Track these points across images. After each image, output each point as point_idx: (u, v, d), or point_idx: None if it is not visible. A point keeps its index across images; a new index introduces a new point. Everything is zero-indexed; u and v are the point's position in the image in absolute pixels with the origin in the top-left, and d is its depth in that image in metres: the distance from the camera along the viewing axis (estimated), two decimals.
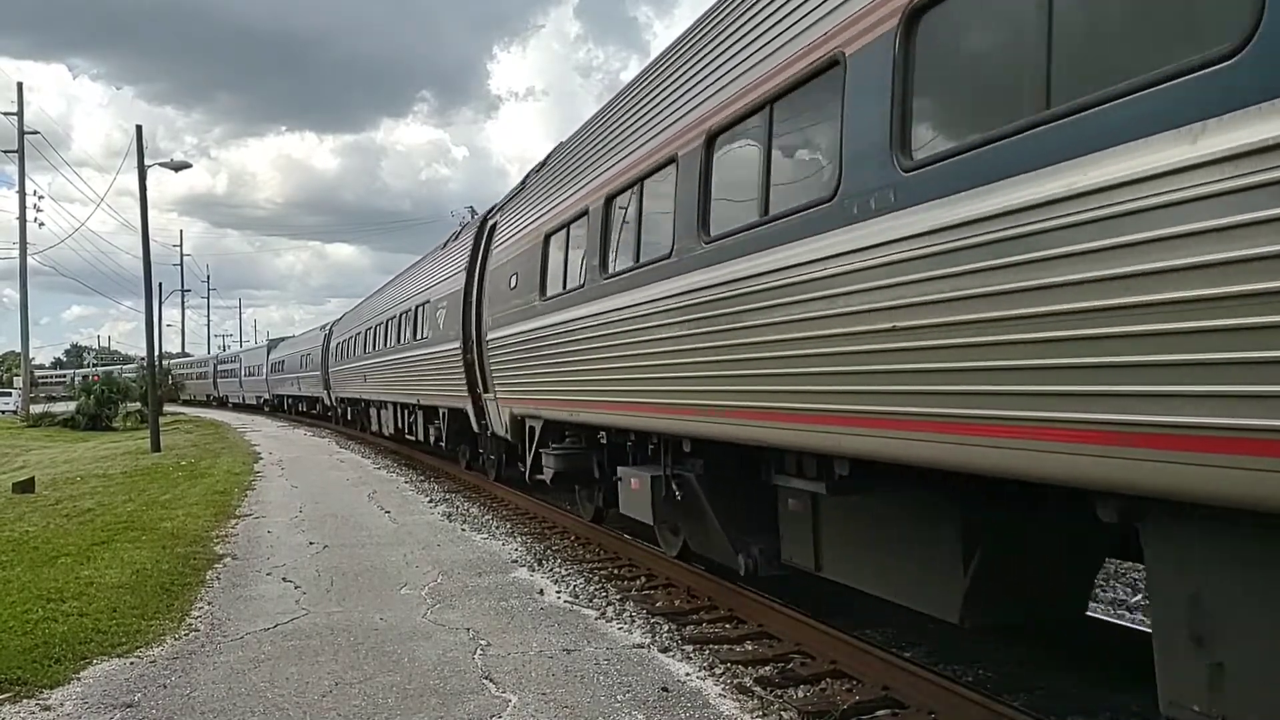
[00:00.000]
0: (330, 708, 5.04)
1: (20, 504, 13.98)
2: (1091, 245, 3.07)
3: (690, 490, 6.99)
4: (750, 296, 5.28)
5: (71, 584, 7.87)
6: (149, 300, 26.81)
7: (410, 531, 10.83)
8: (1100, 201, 3.03)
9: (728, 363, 5.61)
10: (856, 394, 4.36)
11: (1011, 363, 3.46)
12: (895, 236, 4.03)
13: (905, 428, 4.05)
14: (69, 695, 5.32)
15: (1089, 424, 3.13)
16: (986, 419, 3.58)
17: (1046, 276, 3.26)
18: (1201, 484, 2.81)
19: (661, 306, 6.50)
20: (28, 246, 47.19)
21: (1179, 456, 2.85)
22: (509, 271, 11.11)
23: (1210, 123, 2.71)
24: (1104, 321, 3.05)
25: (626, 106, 7.80)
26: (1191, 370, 2.79)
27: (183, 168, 26.93)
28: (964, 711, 4.70)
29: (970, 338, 3.64)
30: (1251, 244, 2.59)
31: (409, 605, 7.27)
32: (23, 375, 52.77)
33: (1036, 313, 3.31)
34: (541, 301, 9.59)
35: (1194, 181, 2.74)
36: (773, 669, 5.79)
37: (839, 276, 4.43)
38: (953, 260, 3.68)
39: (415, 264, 20.97)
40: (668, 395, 6.50)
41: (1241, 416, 2.66)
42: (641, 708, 5.02)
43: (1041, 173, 3.28)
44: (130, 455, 23.14)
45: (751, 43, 5.48)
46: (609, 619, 6.87)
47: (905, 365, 4.00)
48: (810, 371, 4.72)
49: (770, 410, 5.17)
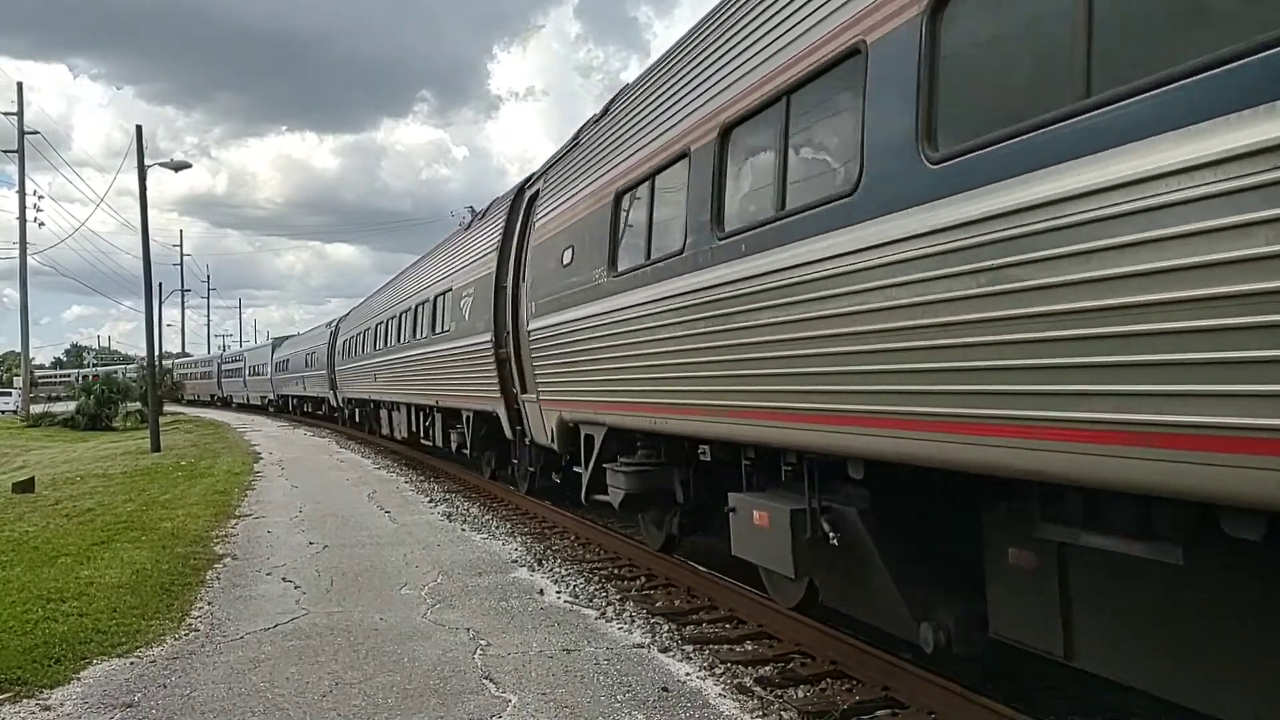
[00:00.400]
0: (330, 708, 5.04)
1: (20, 504, 13.98)
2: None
3: (851, 531, 5.19)
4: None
5: (71, 584, 7.87)
6: (149, 300, 26.82)
7: (410, 531, 10.83)
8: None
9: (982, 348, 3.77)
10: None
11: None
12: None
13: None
14: (69, 695, 5.32)
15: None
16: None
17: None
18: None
19: (837, 269, 4.59)
20: (28, 246, 47.27)
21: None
22: (560, 246, 9.24)
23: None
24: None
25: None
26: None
27: (182, 168, 26.94)
28: (964, 711, 4.70)
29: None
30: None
31: (409, 605, 7.26)
32: (23, 375, 52.76)
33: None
34: (611, 278, 7.77)
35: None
36: (773, 669, 5.79)
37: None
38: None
39: (431, 251, 19.01)
40: (829, 399, 4.75)
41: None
42: (641, 708, 5.02)
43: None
44: (130, 455, 23.13)
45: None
46: (609, 619, 6.87)
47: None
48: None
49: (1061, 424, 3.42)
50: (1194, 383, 2.86)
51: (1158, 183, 2.90)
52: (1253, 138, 2.63)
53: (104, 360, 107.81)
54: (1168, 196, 2.87)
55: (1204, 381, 2.83)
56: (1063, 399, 3.34)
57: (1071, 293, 3.24)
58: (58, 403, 55.32)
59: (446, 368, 14.92)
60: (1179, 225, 2.84)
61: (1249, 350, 2.70)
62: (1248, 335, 2.70)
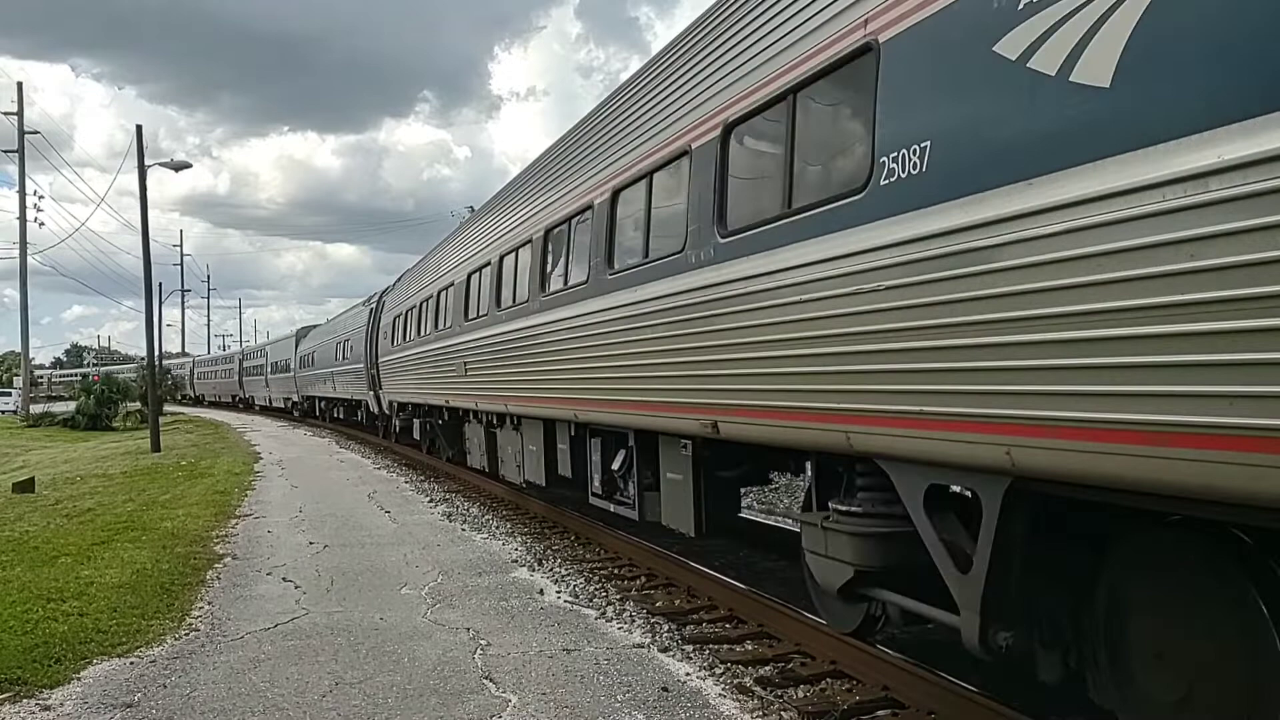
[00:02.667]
0: (330, 708, 5.05)
1: (20, 504, 13.98)
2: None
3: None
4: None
5: (71, 584, 7.87)
6: (149, 300, 26.83)
7: (410, 531, 10.83)
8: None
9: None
10: None
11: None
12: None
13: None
14: (69, 695, 5.32)
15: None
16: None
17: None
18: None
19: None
20: (28, 246, 47.32)
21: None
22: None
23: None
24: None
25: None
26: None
27: (183, 168, 26.96)
28: (964, 711, 4.71)
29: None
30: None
31: (409, 605, 7.27)
32: (23, 375, 52.80)
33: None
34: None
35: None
36: (773, 669, 5.79)
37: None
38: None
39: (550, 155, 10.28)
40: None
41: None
42: (641, 708, 5.02)
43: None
44: (130, 455, 23.14)
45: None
46: (609, 619, 6.87)
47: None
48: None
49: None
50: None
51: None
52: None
53: (104, 360, 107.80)
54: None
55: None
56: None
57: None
58: (58, 402, 55.32)
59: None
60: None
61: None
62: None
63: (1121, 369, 3.16)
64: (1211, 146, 2.82)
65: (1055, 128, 3.41)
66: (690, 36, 6.76)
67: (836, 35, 4.78)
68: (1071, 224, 3.28)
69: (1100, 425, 3.24)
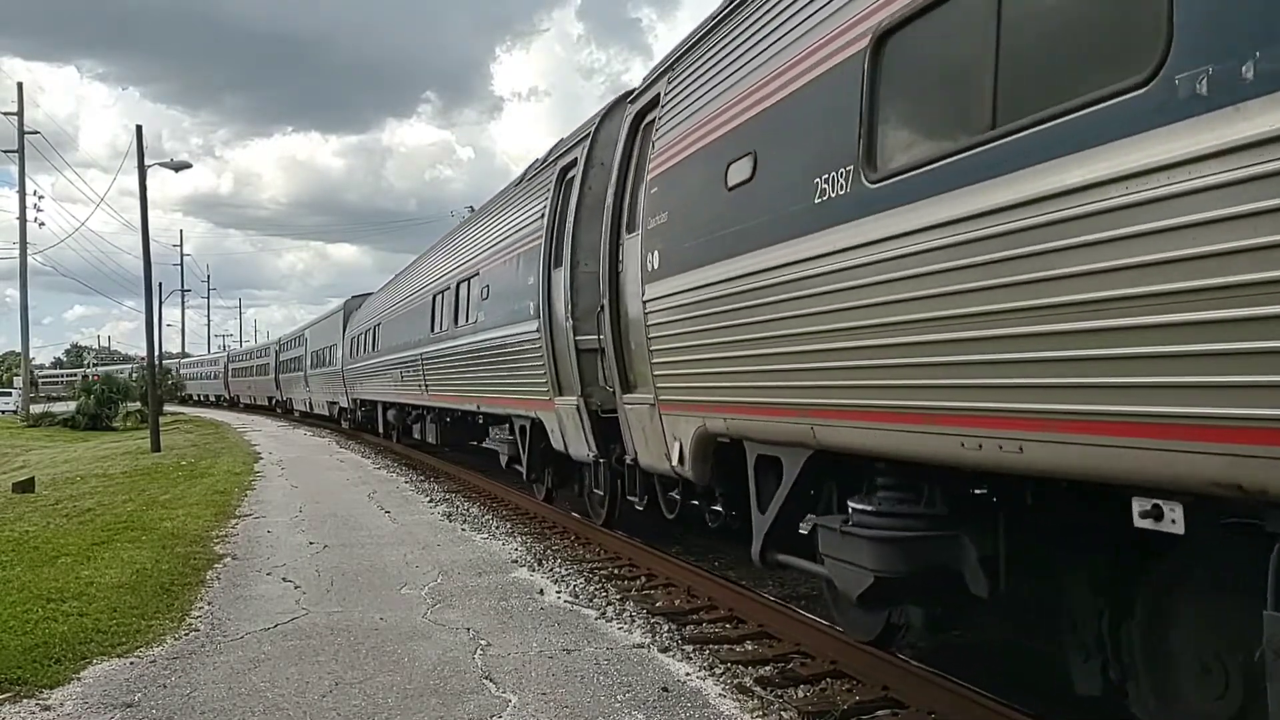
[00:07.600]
0: (330, 708, 5.05)
1: (20, 504, 13.98)
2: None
3: None
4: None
5: (71, 584, 7.87)
6: (149, 300, 26.85)
7: (410, 531, 10.83)
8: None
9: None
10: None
11: None
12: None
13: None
14: (69, 695, 5.32)
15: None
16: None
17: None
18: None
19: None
20: (29, 246, 47.36)
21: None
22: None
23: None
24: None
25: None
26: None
27: (183, 168, 26.99)
28: (964, 711, 4.70)
29: None
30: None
31: (409, 605, 7.27)
32: (23, 375, 52.81)
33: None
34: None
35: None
36: (773, 669, 5.78)
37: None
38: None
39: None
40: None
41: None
42: (641, 708, 5.02)
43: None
44: (130, 455, 23.13)
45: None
46: (609, 619, 6.87)
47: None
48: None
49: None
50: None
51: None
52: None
53: (104, 360, 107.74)
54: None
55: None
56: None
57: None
58: (58, 402, 55.32)
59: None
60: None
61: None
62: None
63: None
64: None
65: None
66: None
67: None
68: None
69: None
